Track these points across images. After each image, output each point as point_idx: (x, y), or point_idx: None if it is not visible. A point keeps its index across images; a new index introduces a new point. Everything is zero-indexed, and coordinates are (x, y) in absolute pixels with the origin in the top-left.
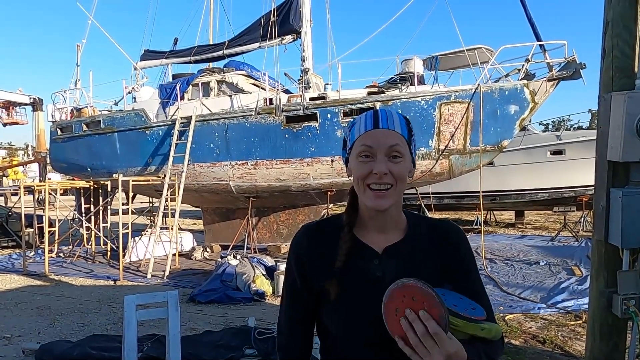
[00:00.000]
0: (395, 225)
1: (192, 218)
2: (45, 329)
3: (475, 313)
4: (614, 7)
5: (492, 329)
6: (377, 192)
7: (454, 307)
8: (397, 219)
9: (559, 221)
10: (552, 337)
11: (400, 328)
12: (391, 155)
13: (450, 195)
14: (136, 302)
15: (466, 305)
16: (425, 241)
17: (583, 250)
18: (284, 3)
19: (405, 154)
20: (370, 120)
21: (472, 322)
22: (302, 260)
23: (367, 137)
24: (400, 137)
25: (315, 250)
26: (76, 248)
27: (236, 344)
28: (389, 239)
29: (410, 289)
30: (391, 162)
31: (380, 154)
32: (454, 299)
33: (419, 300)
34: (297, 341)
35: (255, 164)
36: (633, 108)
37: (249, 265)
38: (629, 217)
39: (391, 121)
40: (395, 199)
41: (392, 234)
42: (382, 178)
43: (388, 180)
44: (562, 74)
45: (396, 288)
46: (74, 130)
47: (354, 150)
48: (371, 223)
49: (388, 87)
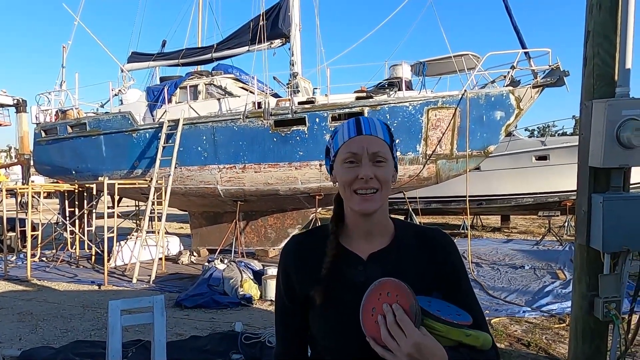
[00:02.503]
0: (382, 231)
1: (179, 222)
2: (27, 335)
3: (460, 319)
4: (595, 17)
5: (479, 337)
6: (364, 196)
7: (437, 312)
8: (383, 225)
9: (544, 225)
10: (537, 340)
11: (374, 328)
12: (375, 160)
13: (438, 199)
14: (121, 307)
15: (451, 311)
16: (412, 248)
17: (567, 254)
18: (273, 7)
19: (389, 159)
20: (353, 128)
21: (454, 327)
22: (288, 271)
23: (351, 143)
24: (383, 142)
25: (302, 260)
26: (60, 252)
27: (223, 349)
28: (375, 246)
29: (384, 285)
30: (375, 167)
31: (364, 160)
32: (440, 305)
33: (392, 294)
34: (292, 351)
35: (244, 167)
36: (613, 115)
37: (236, 270)
38: (609, 221)
39: (373, 127)
40: (381, 203)
41: (378, 240)
42: (368, 182)
43: (374, 185)
44: (546, 81)
45: (372, 288)
46: (59, 133)
47: (338, 157)
48: (357, 230)
49: (376, 92)
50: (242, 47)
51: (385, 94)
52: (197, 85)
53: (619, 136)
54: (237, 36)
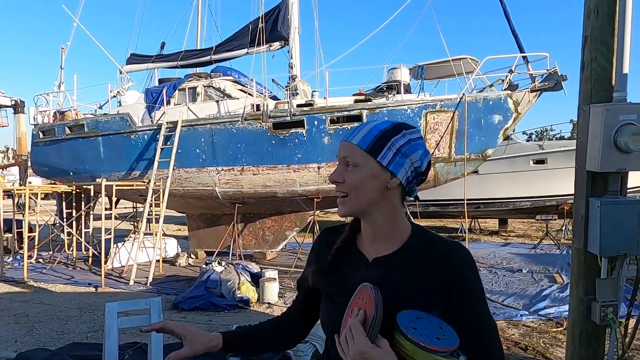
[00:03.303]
0: (388, 236)
1: (176, 224)
2: (23, 337)
3: (439, 343)
4: (592, 22)
5: None
6: (339, 199)
7: (412, 331)
8: (388, 229)
9: (542, 229)
10: (534, 344)
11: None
12: (346, 165)
13: (436, 203)
14: (118, 309)
15: (434, 332)
16: (420, 258)
17: (564, 258)
18: (273, 10)
19: (362, 164)
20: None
21: (422, 349)
22: (310, 259)
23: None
24: (355, 147)
25: (322, 252)
26: (57, 254)
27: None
28: (382, 250)
29: (363, 290)
30: (346, 172)
31: (339, 164)
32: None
33: (364, 300)
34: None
35: (242, 169)
36: (611, 120)
37: (234, 272)
38: (607, 226)
39: (355, 133)
40: (353, 208)
41: (386, 245)
42: (337, 186)
43: (342, 189)
44: (544, 85)
45: (357, 290)
46: (57, 134)
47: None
48: (364, 231)
49: (375, 95)
50: (241, 49)
51: (383, 97)
52: (196, 87)
53: (616, 141)
54: (236, 38)
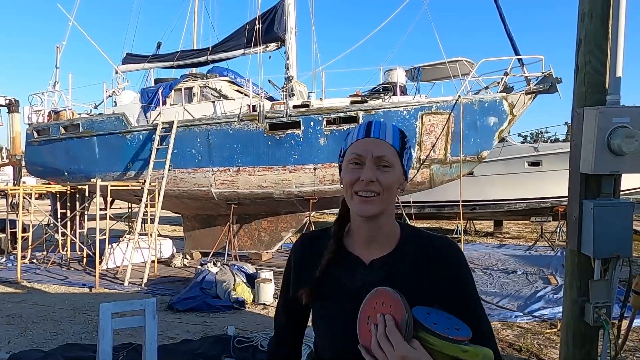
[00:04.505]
0: (386, 237)
1: (172, 224)
2: (16, 338)
3: (458, 333)
4: (586, 26)
5: (478, 353)
6: (364, 198)
7: (434, 326)
8: (388, 230)
9: (536, 231)
10: (528, 345)
11: (368, 336)
12: (380, 165)
13: (431, 204)
14: (112, 310)
15: (450, 324)
16: (416, 257)
17: (559, 259)
18: (269, 11)
19: (395, 165)
20: (363, 130)
21: (450, 342)
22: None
23: (358, 145)
24: (390, 147)
25: (303, 259)
26: (51, 254)
27: (215, 352)
28: (378, 252)
29: (381, 294)
30: (379, 171)
31: (369, 162)
32: (439, 317)
33: (387, 305)
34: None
35: (238, 170)
36: (604, 123)
37: (229, 273)
38: (600, 227)
39: (383, 131)
40: (381, 208)
41: (381, 246)
42: (369, 185)
43: (374, 189)
44: (539, 87)
45: (370, 296)
46: (52, 133)
47: (345, 158)
48: (360, 233)
49: (371, 96)
50: (238, 50)
51: (379, 98)
52: (192, 87)
53: (609, 143)
54: (232, 39)
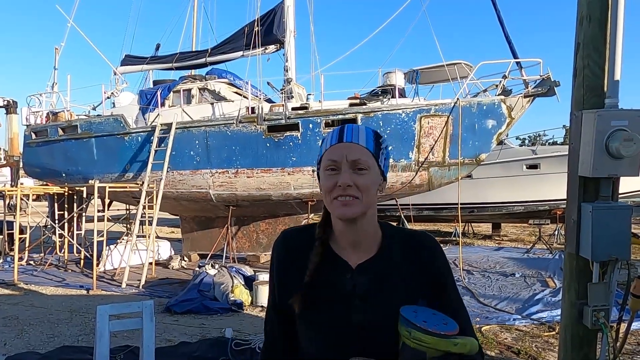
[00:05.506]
0: (369, 240)
1: (170, 226)
2: (12, 340)
3: (447, 328)
4: (584, 29)
5: (466, 344)
6: (343, 201)
7: (424, 324)
8: (371, 234)
9: (534, 234)
10: (527, 348)
11: None
12: (356, 168)
13: (429, 206)
14: (109, 312)
15: (438, 320)
16: (398, 255)
17: (557, 262)
18: (268, 13)
19: (371, 167)
20: (335, 135)
21: (442, 337)
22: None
23: (332, 151)
24: (365, 150)
25: (289, 260)
26: (48, 256)
27: (213, 355)
28: (362, 255)
29: None
30: (356, 175)
31: (344, 167)
32: (426, 315)
33: None
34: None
35: (236, 172)
36: (602, 126)
37: (227, 275)
38: (598, 230)
39: (356, 135)
40: (362, 210)
41: (365, 249)
42: (347, 190)
43: (352, 193)
44: (537, 90)
45: None
46: (50, 135)
47: (322, 165)
48: (343, 238)
49: (370, 99)
50: (237, 52)
51: (378, 101)
52: (191, 89)
53: (608, 146)
54: (231, 41)
